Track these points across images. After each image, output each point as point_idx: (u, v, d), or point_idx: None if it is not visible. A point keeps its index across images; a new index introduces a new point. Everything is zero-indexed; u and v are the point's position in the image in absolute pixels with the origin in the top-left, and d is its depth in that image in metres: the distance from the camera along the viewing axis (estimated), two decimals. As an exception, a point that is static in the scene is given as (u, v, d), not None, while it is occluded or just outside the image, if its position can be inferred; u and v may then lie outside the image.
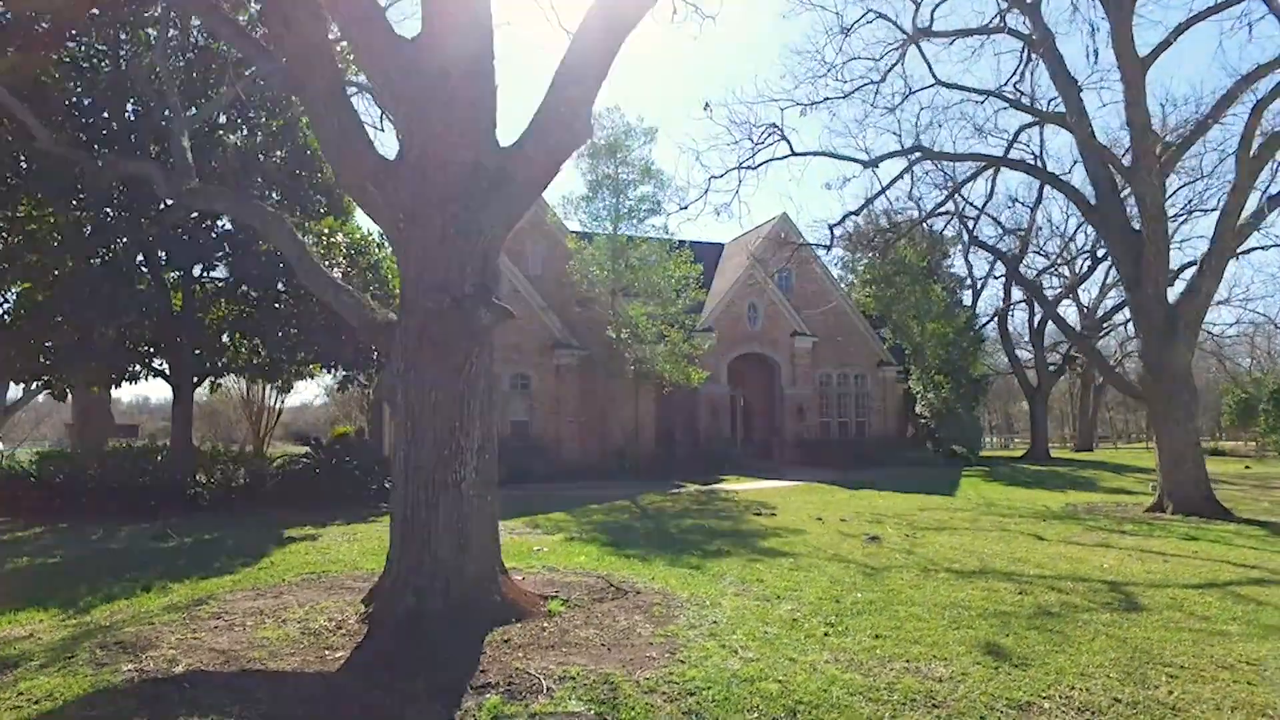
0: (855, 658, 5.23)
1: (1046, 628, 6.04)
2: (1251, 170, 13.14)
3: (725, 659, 5.11)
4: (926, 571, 8.21)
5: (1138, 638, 5.82)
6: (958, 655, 5.32)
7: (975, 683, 4.81)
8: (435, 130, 6.04)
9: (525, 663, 4.99)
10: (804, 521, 12.37)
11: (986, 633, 5.88)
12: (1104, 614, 6.51)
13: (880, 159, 17.80)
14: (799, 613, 6.40)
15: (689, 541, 10.21)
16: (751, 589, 7.28)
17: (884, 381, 31.05)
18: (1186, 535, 11.16)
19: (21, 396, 34.27)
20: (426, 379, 6.03)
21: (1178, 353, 14.18)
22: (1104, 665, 5.18)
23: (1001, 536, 10.93)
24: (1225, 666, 5.22)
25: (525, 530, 11.22)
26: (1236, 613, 6.60)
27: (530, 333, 21.88)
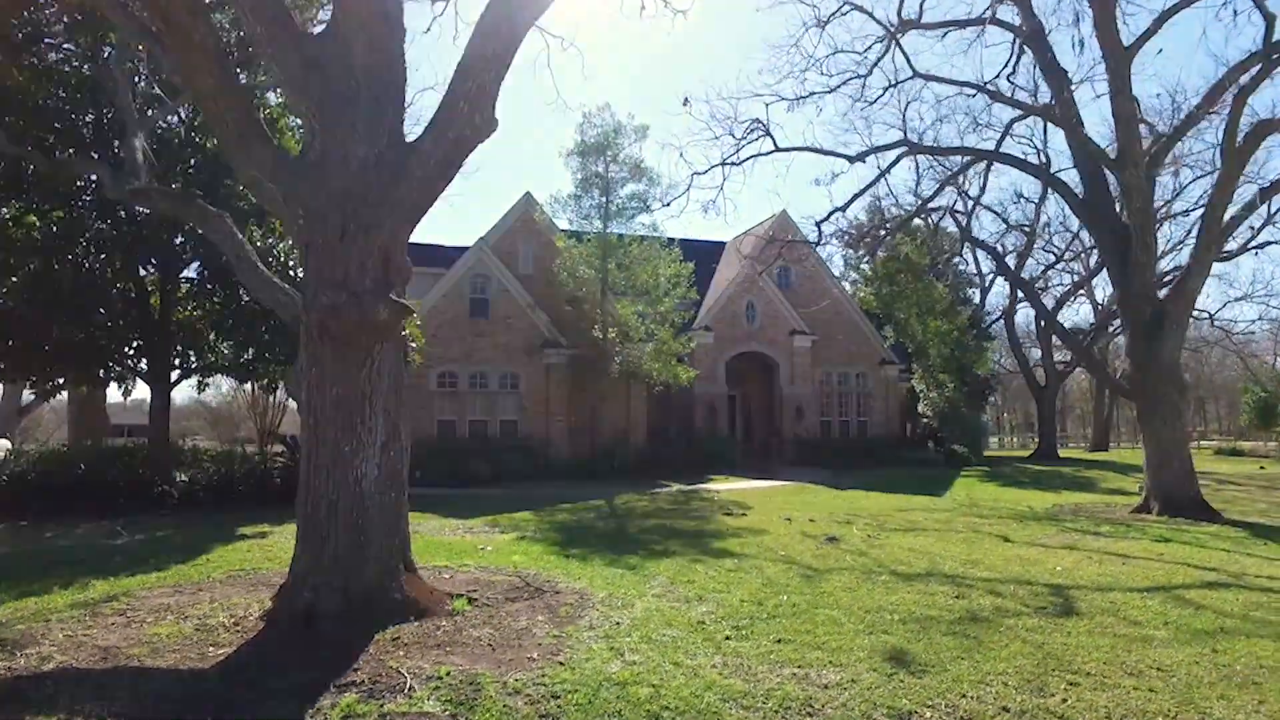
0: (746, 663, 5.08)
1: (966, 633, 5.84)
2: (1238, 161, 12.71)
3: (607, 662, 4.99)
4: (869, 574, 8.01)
5: (1056, 644, 5.60)
6: (856, 661, 5.15)
7: (861, 690, 4.64)
8: (338, 126, 5.98)
9: (402, 662, 4.91)
10: (772, 522, 12.18)
11: (899, 638, 5.69)
12: (1033, 619, 6.29)
13: (865, 154, 17.53)
14: (713, 615, 6.25)
15: (642, 541, 10.08)
16: (677, 590, 7.14)
17: (886, 380, 30.61)
18: (1160, 537, 10.81)
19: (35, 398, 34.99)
20: (327, 375, 5.97)
21: (1164, 350, 13.79)
22: (1007, 673, 4.98)
23: (968, 538, 10.66)
24: (1133, 673, 5.00)
25: (483, 529, 11.16)
26: (1172, 617, 6.34)
27: (519, 332, 21.86)
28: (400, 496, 6.30)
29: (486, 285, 21.85)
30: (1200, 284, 13.69)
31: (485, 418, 21.47)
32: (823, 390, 29.76)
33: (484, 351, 21.48)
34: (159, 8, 5.10)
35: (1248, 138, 12.52)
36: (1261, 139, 12.66)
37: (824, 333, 29.61)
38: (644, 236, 21.87)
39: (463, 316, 21.53)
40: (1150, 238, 14.27)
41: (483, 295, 21.77)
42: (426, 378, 20.90)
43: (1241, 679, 4.94)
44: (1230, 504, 15.42)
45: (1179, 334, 13.93)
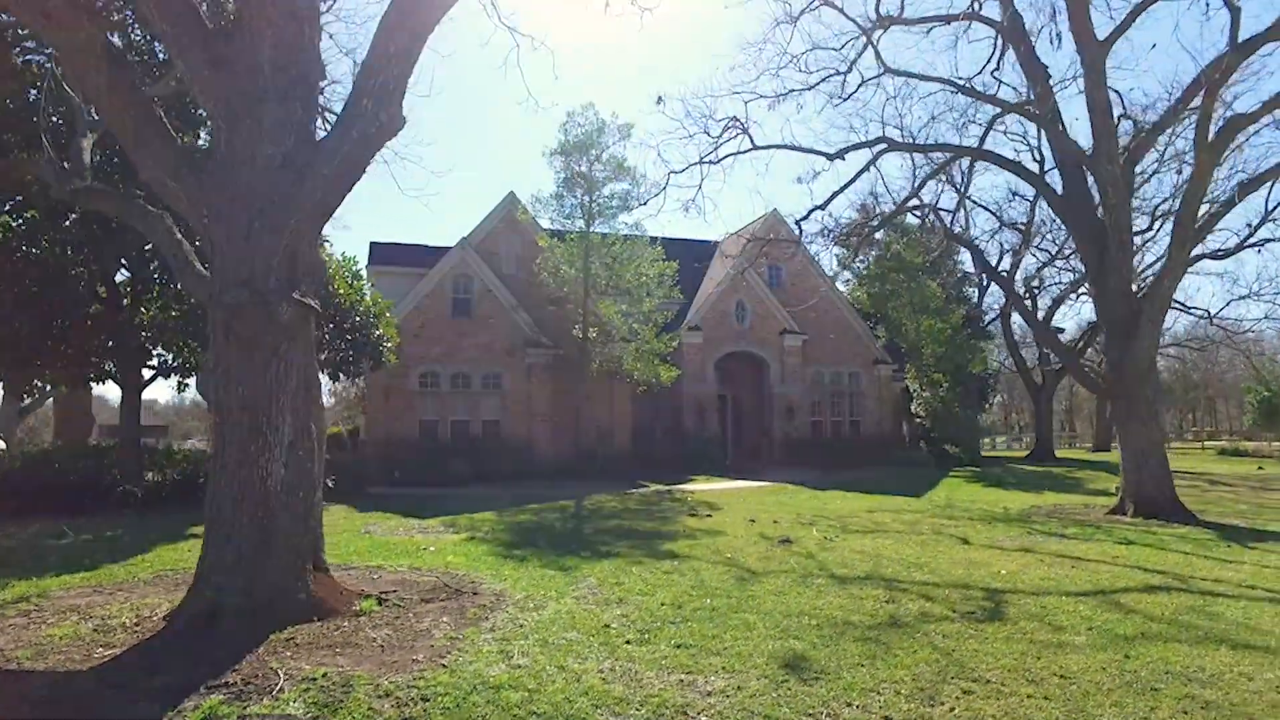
0: (635, 668, 4.99)
1: (878, 639, 5.72)
2: (1210, 156, 12.45)
3: (491, 665, 4.91)
4: (807, 577, 7.88)
5: (966, 650, 5.47)
6: (751, 668, 5.04)
7: (744, 698, 4.53)
8: (244, 125, 5.94)
9: (285, 663, 4.85)
10: (734, 524, 12.07)
11: (806, 644, 5.57)
12: (955, 624, 6.16)
13: (844, 151, 17.35)
14: (625, 618, 6.16)
15: (591, 542, 10.00)
16: (602, 592, 7.05)
17: (879, 380, 30.36)
18: (1124, 539, 10.61)
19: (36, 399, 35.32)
20: (233, 375, 5.93)
21: (1139, 349, 13.55)
22: (903, 680, 4.86)
23: (926, 540, 10.50)
24: (1034, 681, 4.86)
25: (438, 530, 11.11)
26: (1097, 622, 6.19)
27: (501, 332, 21.83)
28: (310, 496, 6.25)
29: (469, 285, 21.84)
30: (1175, 283, 13.46)
31: (467, 418, 21.45)
32: (814, 390, 29.55)
33: (466, 351, 21.47)
34: (39, 3, 5.07)
35: (1220, 133, 12.27)
36: (1233, 135, 12.41)
37: (816, 332, 29.42)
38: (627, 235, 21.78)
39: (445, 316, 21.52)
40: (1127, 235, 14.04)
41: (465, 295, 21.76)
42: (408, 378, 20.92)
43: (1142, 685, 4.80)
44: (1213, 505, 15.17)
45: (1154, 334, 13.68)
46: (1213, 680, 4.91)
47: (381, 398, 20.60)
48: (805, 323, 29.22)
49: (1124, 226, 13.89)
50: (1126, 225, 13.90)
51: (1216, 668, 5.14)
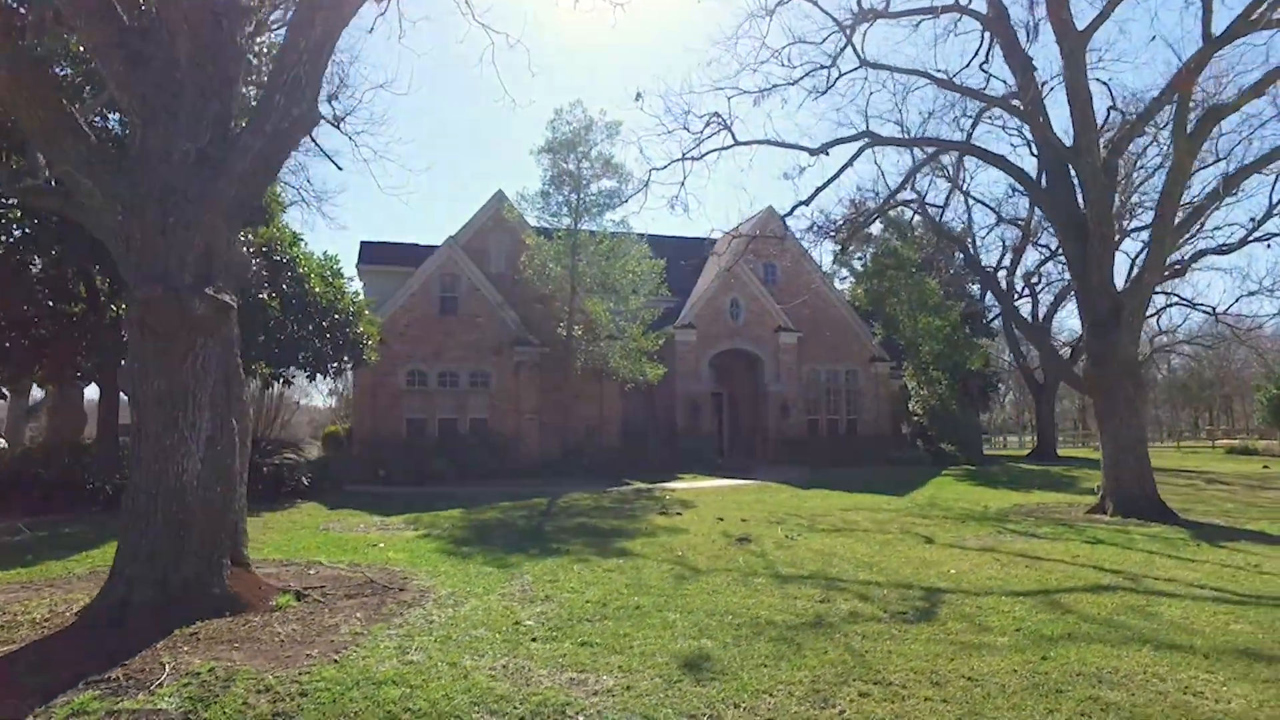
0: (530, 666, 4.91)
1: (794, 639, 5.60)
2: (1189, 148, 12.17)
3: (383, 661, 4.86)
4: (748, 577, 7.77)
5: (880, 651, 5.34)
6: (649, 667, 4.95)
7: (629, 698, 4.45)
8: (159, 121, 5.93)
9: (178, 658, 4.83)
10: (701, 522, 11.97)
11: (719, 643, 5.47)
12: (880, 624, 6.02)
13: (826, 146, 17.13)
14: (543, 616, 6.09)
15: (546, 540, 9.95)
16: (532, 589, 6.99)
17: (876, 378, 30.10)
18: (1093, 539, 10.40)
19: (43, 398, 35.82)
20: (149, 370, 5.92)
21: (1120, 344, 13.29)
22: (801, 682, 4.74)
23: (889, 540, 10.34)
24: (938, 684, 4.73)
25: (399, 527, 11.09)
26: (1029, 622, 6.03)
27: (489, 330, 21.83)
28: (230, 491, 6.23)
29: (456, 284, 21.86)
30: (1156, 278, 13.19)
31: (455, 416, 21.48)
32: (810, 388, 29.35)
33: (454, 350, 21.50)
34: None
35: (1198, 125, 11.99)
36: (1212, 126, 12.13)
37: (812, 330, 29.22)
38: (615, 233, 21.71)
39: (432, 315, 21.56)
40: (1108, 228, 13.77)
41: (452, 294, 21.78)
42: (395, 376, 20.98)
43: (1049, 688, 4.65)
44: (1200, 504, 14.85)
45: (1135, 328, 13.41)
46: (1123, 681, 4.76)
47: (369, 396, 20.67)
48: (801, 320, 29.02)
49: (1105, 220, 13.62)
50: (1108, 218, 13.63)
51: (1132, 669, 4.98)
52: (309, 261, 14.70)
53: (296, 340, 14.78)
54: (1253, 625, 5.99)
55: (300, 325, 14.54)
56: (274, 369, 14.96)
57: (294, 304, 14.09)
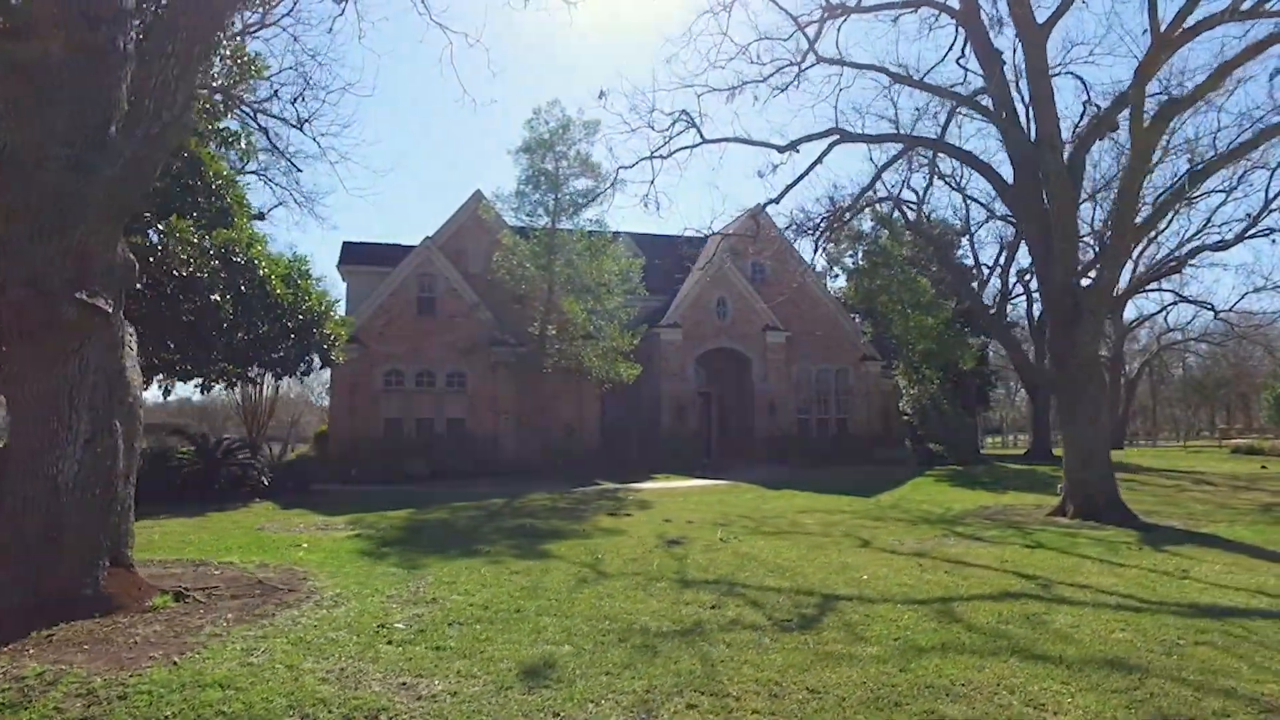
0: (367, 669, 4.89)
1: (655, 646, 5.52)
2: (1146, 142, 11.89)
3: (222, 663, 4.86)
4: (653, 581, 7.69)
5: (737, 660, 5.24)
6: (491, 673, 4.90)
7: (453, 703, 4.40)
8: (35, 125, 5.96)
9: (17, 660, 4.86)
10: (646, 523, 11.91)
11: (575, 649, 5.41)
12: (753, 633, 5.91)
13: (795, 144, 17.00)
14: (416, 618, 6.06)
15: (473, 541, 9.95)
16: (423, 591, 6.97)
17: (867, 377, 29.80)
18: (1036, 542, 10.21)
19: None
20: (25, 372, 5.96)
21: (1081, 342, 13.04)
22: (636, 691, 4.65)
23: (824, 543, 10.19)
24: (777, 695, 4.63)
25: (338, 527, 11.13)
26: (911, 631, 5.88)
27: (466, 330, 21.87)
28: (110, 493, 6.25)
29: (433, 284, 21.93)
30: (1117, 274, 12.92)
31: (432, 416, 21.56)
32: (800, 387, 29.12)
33: (431, 350, 21.57)
34: None
35: (1154, 120, 11.70)
36: (1168, 120, 11.85)
37: (802, 328, 28.99)
38: (592, 232, 21.67)
39: (410, 315, 21.66)
40: (1071, 226, 13.51)
41: (430, 294, 21.86)
42: (373, 376, 21.09)
43: (890, 701, 4.53)
44: (1170, 506, 14.55)
45: (1096, 326, 13.16)
46: (970, 694, 4.64)
47: (346, 396, 20.81)
48: (791, 319, 28.80)
49: (1068, 215, 13.36)
50: (1071, 214, 13.37)
51: (986, 680, 4.85)
52: (270, 262, 14.78)
53: (260, 341, 14.87)
54: (1135, 633, 5.83)
55: (263, 326, 14.62)
56: (237, 369, 15.07)
57: (254, 304, 14.16)
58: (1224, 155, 12.78)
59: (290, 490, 15.53)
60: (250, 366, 15.33)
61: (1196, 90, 11.38)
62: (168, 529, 10.47)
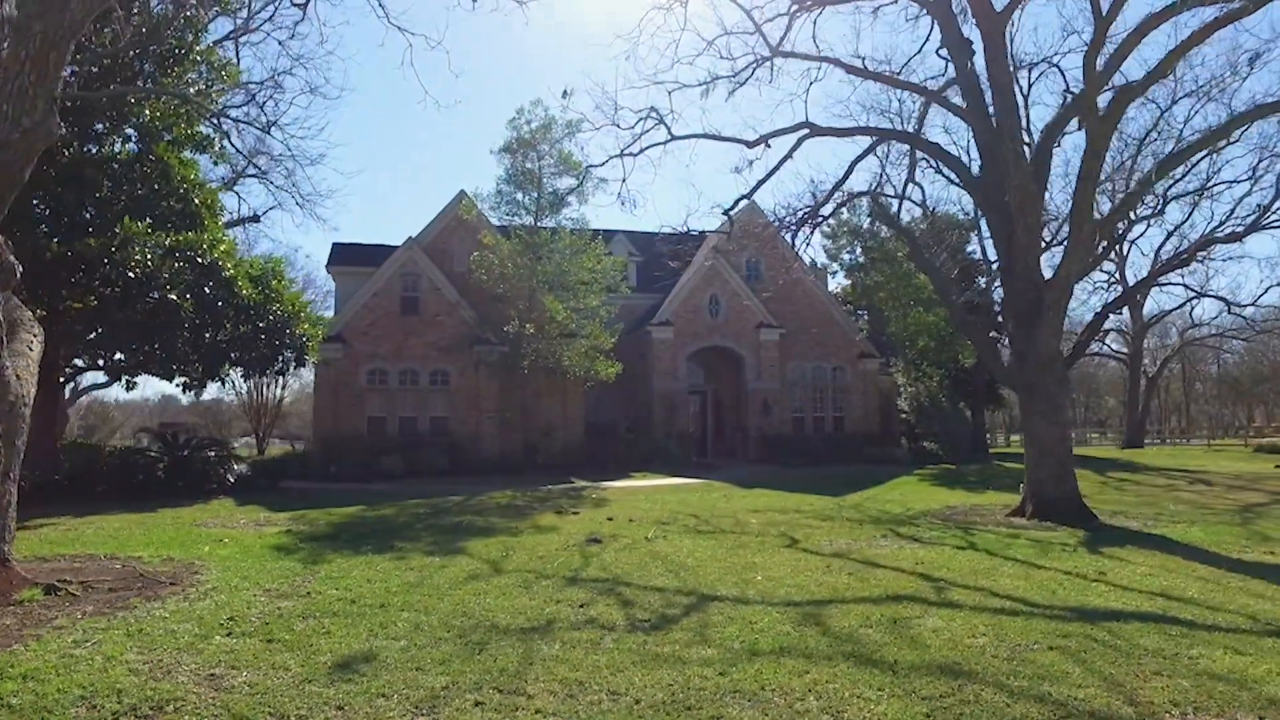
0: (183, 661, 4.97)
1: (489, 642, 5.51)
2: (1102, 131, 11.49)
3: (46, 654, 4.99)
4: (541, 578, 7.66)
5: (561, 658, 5.20)
6: (307, 665, 4.94)
7: (249, 694, 4.46)
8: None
9: None
10: (588, 521, 11.89)
11: (405, 644, 5.43)
12: (602, 632, 5.86)
13: (764, 139, 16.81)
14: (277, 612, 6.15)
15: (398, 537, 10.04)
16: (306, 586, 7.06)
17: (865, 375, 29.35)
18: (969, 544, 9.96)
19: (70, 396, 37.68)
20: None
21: (1041, 338, 12.68)
22: (433, 687, 4.63)
23: (749, 542, 10.04)
24: (574, 695, 4.59)
25: (282, 523, 11.30)
26: (761, 635, 5.72)
27: (449, 329, 22.07)
28: (-15, 489, 6.44)
29: (417, 283, 22.16)
30: (1077, 267, 12.52)
31: (415, 414, 21.80)
32: (795, 385, 28.80)
33: (414, 349, 21.81)
34: None
35: (1109, 107, 11.31)
36: (1124, 106, 11.42)
37: (798, 326, 28.68)
38: (574, 230, 21.71)
39: (394, 314, 21.92)
40: (1032, 218, 13.11)
41: (413, 293, 22.09)
42: (357, 375, 21.39)
43: (683, 704, 4.45)
44: (1142, 507, 14.06)
45: (1056, 321, 12.75)
46: (772, 699, 4.52)
47: (331, 395, 21.15)
48: (786, 316, 28.52)
49: (1029, 207, 12.97)
50: (1032, 206, 12.96)
51: (799, 686, 4.72)
52: (238, 264, 15.06)
53: (231, 341, 15.16)
54: (994, 639, 5.65)
55: (229, 326, 14.90)
56: (207, 370, 15.39)
57: (220, 305, 14.44)
58: (1193, 144, 12.28)
59: (261, 487, 15.83)
60: (223, 366, 15.63)
61: (1148, 77, 10.96)
62: (104, 525, 10.73)
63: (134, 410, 59.25)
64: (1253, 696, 4.59)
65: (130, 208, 13.42)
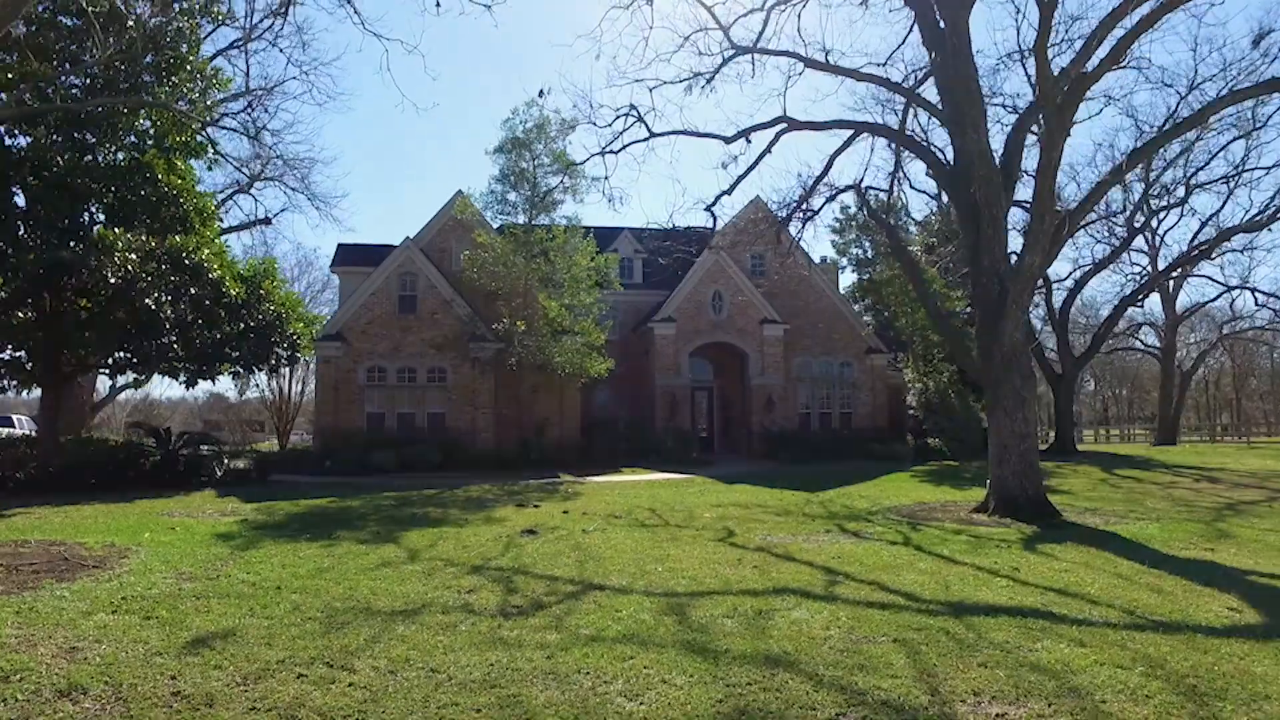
0: (54, 635, 5.37)
1: (346, 624, 5.79)
2: (1060, 122, 11.22)
3: (-75, 630, 5.40)
4: (448, 565, 7.95)
5: (405, 639, 5.42)
6: (163, 640, 5.29)
7: (100, 664, 4.83)
8: None
9: None
10: (543, 515, 12.12)
11: (269, 623, 5.75)
12: (466, 615, 6.08)
13: (741, 134, 16.85)
14: (181, 593, 6.56)
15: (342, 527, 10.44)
16: (221, 570, 7.46)
17: (873, 370, 28.97)
18: (904, 539, 9.89)
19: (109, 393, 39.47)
20: None
21: (1004, 332, 12.46)
22: (266, 660, 4.93)
23: (685, 536, 10.12)
24: (394, 671, 4.80)
25: (247, 514, 11.78)
26: (619, 623, 5.88)
27: (446, 327, 22.53)
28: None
29: (414, 282, 22.68)
30: (1037, 259, 12.21)
31: (413, 410, 22.34)
32: (801, 381, 28.58)
33: (412, 346, 22.34)
34: None
35: (1066, 95, 11.03)
36: (1081, 95, 11.12)
37: (804, 321, 28.48)
38: (567, 227, 21.98)
39: (392, 313, 22.48)
40: (997, 210, 12.87)
41: (411, 292, 22.63)
42: (356, 372, 22.02)
43: (489, 682, 4.63)
44: (1128, 505, 13.68)
45: (1019, 315, 12.48)
46: (578, 681, 4.67)
47: (331, 391, 21.81)
48: (792, 312, 28.33)
49: (994, 201, 12.75)
50: (996, 199, 12.74)
51: (615, 671, 4.84)
52: (224, 265, 15.68)
53: (219, 342, 15.79)
54: (845, 631, 5.69)
55: (222, 328, 15.52)
56: (200, 368, 16.06)
57: (207, 306, 15.06)
58: (1167, 132, 11.91)
59: (252, 481, 16.46)
60: (216, 364, 16.29)
61: (1099, 66, 10.66)
62: (75, 514, 11.35)
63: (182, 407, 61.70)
64: (1057, 686, 4.58)
65: (117, 215, 14.07)
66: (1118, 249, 29.09)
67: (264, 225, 28.11)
